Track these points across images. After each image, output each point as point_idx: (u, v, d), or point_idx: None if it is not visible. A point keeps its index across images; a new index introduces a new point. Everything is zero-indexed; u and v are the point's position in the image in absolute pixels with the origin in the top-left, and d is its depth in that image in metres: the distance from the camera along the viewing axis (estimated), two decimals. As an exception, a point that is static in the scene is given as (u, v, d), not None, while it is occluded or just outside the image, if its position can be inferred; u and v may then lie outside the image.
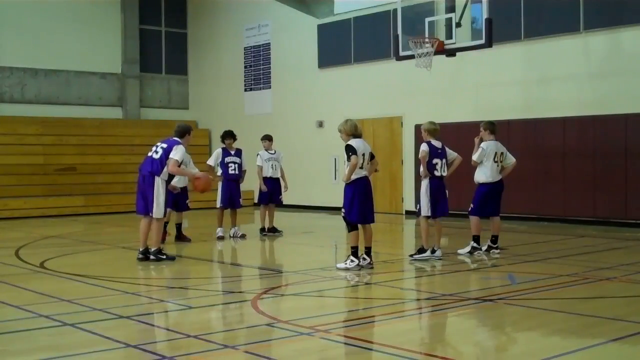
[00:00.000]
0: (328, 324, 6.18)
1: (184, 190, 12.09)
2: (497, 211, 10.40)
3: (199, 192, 10.33)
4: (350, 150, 8.91)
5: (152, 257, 9.90)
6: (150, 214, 9.78)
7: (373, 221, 9.17)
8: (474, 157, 10.28)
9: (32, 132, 19.93)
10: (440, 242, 10.05)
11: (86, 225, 16.18)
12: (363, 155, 8.95)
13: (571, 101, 14.81)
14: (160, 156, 9.74)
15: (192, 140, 10.51)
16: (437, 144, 9.88)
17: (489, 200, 10.26)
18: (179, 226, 12.42)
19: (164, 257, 9.96)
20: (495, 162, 10.26)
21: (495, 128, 10.42)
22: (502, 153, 10.35)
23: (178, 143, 9.88)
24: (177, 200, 11.92)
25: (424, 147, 9.83)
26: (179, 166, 9.84)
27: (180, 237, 12.30)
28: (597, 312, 6.57)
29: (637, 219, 13.75)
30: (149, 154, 9.93)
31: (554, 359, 5.09)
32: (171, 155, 9.70)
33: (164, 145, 9.84)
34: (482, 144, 10.29)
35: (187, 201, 12.27)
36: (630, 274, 8.62)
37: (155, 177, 9.72)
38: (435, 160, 9.78)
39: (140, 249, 10.00)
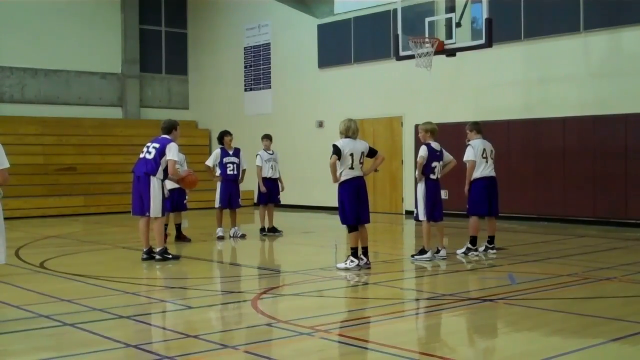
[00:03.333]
0: (328, 324, 6.18)
1: (182, 190, 12.09)
2: (495, 210, 10.38)
3: (190, 189, 10.82)
4: (333, 149, 8.89)
5: (157, 256, 9.92)
6: (147, 214, 9.81)
7: (367, 221, 9.11)
8: (465, 158, 10.26)
9: (32, 132, 19.94)
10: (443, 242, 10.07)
11: (86, 225, 16.19)
12: (352, 155, 8.88)
13: (571, 101, 14.81)
14: (154, 156, 9.78)
15: (192, 141, 10.56)
16: (436, 146, 9.84)
17: (484, 197, 10.22)
18: (178, 226, 12.42)
19: (170, 256, 9.99)
20: (484, 158, 10.25)
21: (480, 127, 10.46)
22: (491, 150, 10.36)
23: (169, 141, 9.92)
24: (175, 200, 11.94)
25: (422, 151, 9.74)
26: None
27: (180, 237, 12.30)
28: (597, 312, 6.57)
29: (637, 219, 13.75)
30: (141, 155, 9.96)
31: (554, 359, 5.09)
32: (170, 157, 9.74)
33: (156, 145, 9.87)
34: (470, 142, 10.29)
35: (185, 201, 12.29)
36: (630, 274, 8.62)
37: (151, 177, 9.75)
38: (433, 164, 9.74)
39: (144, 249, 10.03)
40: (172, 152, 9.79)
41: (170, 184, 11.85)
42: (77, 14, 21.77)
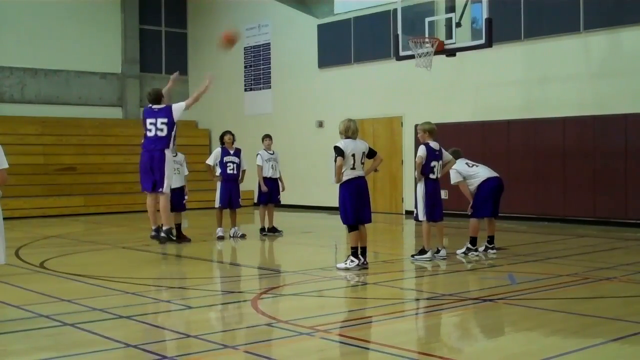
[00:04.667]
0: (328, 324, 6.18)
1: (181, 190, 12.09)
2: (496, 212, 10.38)
3: (231, 42, 10.53)
4: (336, 151, 8.90)
5: (162, 234, 9.88)
6: (160, 190, 9.83)
7: (369, 221, 9.11)
8: (452, 181, 10.26)
9: (32, 132, 19.94)
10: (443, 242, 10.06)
11: (86, 225, 16.18)
12: (353, 155, 8.87)
13: (571, 101, 14.81)
14: (167, 132, 9.87)
15: (192, 141, 10.58)
16: (434, 145, 9.82)
17: (490, 199, 10.20)
18: (178, 226, 12.39)
19: (174, 238, 9.96)
20: (472, 167, 10.27)
21: (459, 154, 10.36)
22: (472, 164, 10.38)
23: (168, 107, 10.05)
24: (174, 200, 11.92)
25: (420, 151, 9.71)
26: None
27: (180, 237, 12.29)
28: (597, 312, 6.57)
29: (637, 219, 13.75)
30: (149, 133, 9.95)
31: (554, 359, 5.09)
32: (178, 107, 10.00)
33: (164, 120, 9.92)
34: (453, 167, 10.22)
35: (184, 201, 12.27)
36: (630, 274, 8.62)
37: (165, 151, 9.84)
38: (432, 163, 9.72)
39: (153, 227, 10.03)
40: (177, 108, 9.99)
41: (177, 183, 11.85)
42: (77, 14, 21.78)
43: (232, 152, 12.69)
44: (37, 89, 21.24)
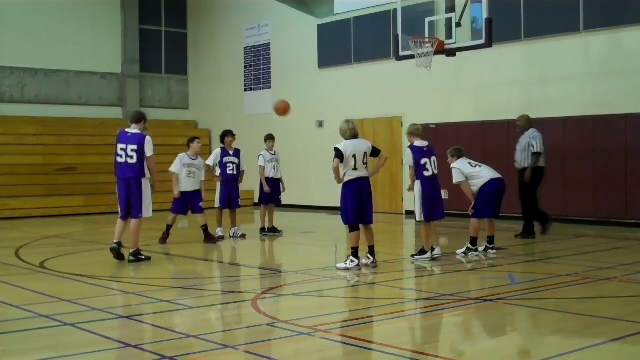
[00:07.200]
0: (328, 324, 6.18)
1: (198, 192, 12.01)
2: (497, 213, 10.37)
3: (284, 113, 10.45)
4: (335, 152, 8.90)
5: (131, 257, 9.78)
6: (140, 215, 9.73)
7: (370, 222, 9.12)
8: (454, 180, 10.23)
9: (32, 132, 19.95)
10: (440, 242, 10.03)
11: (86, 225, 16.18)
12: (354, 156, 8.88)
13: (571, 101, 14.81)
14: (138, 159, 9.62)
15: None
16: (420, 143, 9.73)
17: (492, 200, 10.19)
18: (205, 227, 12.19)
19: (143, 257, 9.87)
20: (475, 167, 10.24)
21: (461, 152, 10.36)
22: (475, 163, 10.36)
23: (142, 136, 9.74)
24: (192, 203, 11.88)
25: (407, 156, 9.67)
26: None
27: (208, 238, 12.12)
28: (597, 312, 6.57)
29: (637, 219, 13.75)
30: (120, 160, 9.74)
31: (554, 359, 5.09)
32: (149, 154, 9.65)
33: (134, 147, 9.67)
34: (453, 165, 10.22)
35: (201, 203, 12.11)
36: (630, 274, 8.62)
37: (142, 179, 9.69)
38: (423, 161, 9.61)
39: (115, 241, 9.85)
40: (150, 148, 9.66)
41: (183, 186, 11.83)
42: (77, 14, 21.77)
43: (231, 152, 12.70)
44: (37, 89, 21.23)
